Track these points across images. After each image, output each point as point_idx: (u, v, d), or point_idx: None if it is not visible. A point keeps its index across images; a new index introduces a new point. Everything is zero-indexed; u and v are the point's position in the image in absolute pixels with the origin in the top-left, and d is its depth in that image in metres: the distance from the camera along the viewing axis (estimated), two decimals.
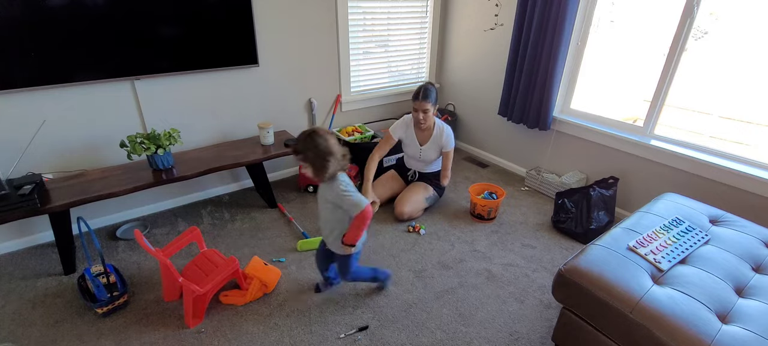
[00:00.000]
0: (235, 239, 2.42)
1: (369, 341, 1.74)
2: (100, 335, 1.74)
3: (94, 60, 2.12)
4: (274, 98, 2.89)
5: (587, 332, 1.48)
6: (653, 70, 2.40)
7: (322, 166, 1.53)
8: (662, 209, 1.83)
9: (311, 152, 1.52)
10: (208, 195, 2.90)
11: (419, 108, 2.46)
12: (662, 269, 1.46)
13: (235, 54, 2.54)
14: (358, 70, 3.28)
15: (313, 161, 1.53)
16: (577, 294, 1.46)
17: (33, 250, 2.29)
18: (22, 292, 1.98)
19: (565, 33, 2.56)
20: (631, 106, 3.45)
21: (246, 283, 1.94)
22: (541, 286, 2.08)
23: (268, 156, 2.53)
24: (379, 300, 1.96)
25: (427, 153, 2.64)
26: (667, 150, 2.37)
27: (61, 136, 2.22)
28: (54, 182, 2.12)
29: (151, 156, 2.20)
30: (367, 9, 3.09)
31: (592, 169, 2.83)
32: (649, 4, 2.90)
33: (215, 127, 2.71)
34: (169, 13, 2.24)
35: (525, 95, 2.92)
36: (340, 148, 1.58)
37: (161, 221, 2.59)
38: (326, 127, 3.25)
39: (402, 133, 2.62)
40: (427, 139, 2.62)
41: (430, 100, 2.44)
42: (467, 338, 1.76)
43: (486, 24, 3.21)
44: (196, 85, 2.53)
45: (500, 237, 2.48)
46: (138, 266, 2.17)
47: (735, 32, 3.14)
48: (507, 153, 3.43)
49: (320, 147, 1.51)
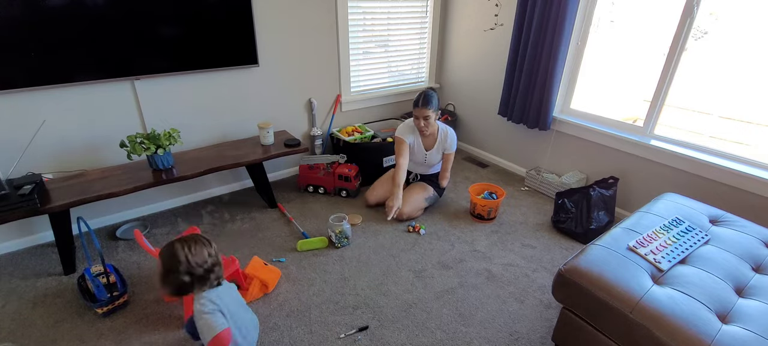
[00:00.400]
0: (235, 239, 2.42)
1: (369, 341, 1.74)
2: (100, 335, 1.74)
3: (94, 60, 2.12)
4: (274, 98, 2.89)
5: (587, 332, 1.48)
6: (653, 70, 2.40)
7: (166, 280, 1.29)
8: (662, 209, 1.83)
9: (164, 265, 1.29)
10: (208, 195, 2.90)
11: (420, 115, 2.44)
12: (662, 269, 1.46)
13: (235, 54, 2.54)
14: (358, 70, 3.28)
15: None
16: (577, 294, 1.46)
17: (33, 250, 2.29)
18: (22, 292, 1.98)
19: (565, 33, 2.56)
20: (631, 106, 3.45)
21: (246, 283, 1.94)
22: (541, 286, 2.08)
23: (268, 156, 2.53)
24: (379, 300, 1.96)
25: (432, 157, 2.65)
26: (667, 150, 2.37)
27: (61, 136, 2.22)
28: (54, 182, 2.12)
29: (151, 156, 2.20)
30: (367, 9, 3.08)
31: (592, 169, 2.83)
32: (649, 4, 2.90)
33: (215, 127, 2.71)
34: (169, 13, 2.24)
35: (525, 95, 2.92)
36: (201, 259, 1.31)
37: (161, 221, 2.59)
38: (326, 126, 3.25)
39: (410, 138, 2.58)
40: (432, 144, 2.63)
41: (432, 107, 2.42)
42: (467, 338, 1.76)
43: (486, 24, 3.21)
44: (196, 85, 2.53)
45: (500, 237, 2.48)
46: (138, 266, 2.17)
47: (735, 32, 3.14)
48: (507, 153, 3.43)
49: (164, 260, 1.29)
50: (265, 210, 2.73)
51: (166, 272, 1.28)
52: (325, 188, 2.93)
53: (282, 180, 3.18)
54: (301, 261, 2.23)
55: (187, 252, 1.28)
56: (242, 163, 2.44)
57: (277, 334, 1.76)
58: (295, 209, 2.75)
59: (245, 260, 2.16)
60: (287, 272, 2.14)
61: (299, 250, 2.31)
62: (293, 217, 2.63)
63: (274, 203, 2.76)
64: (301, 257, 2.26)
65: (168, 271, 1.28)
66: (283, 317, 1.85)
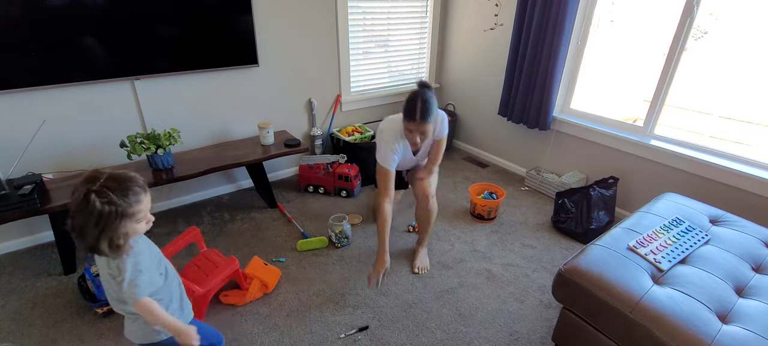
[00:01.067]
0: (235, 239, 2.42)
1: (369, 341, 1.74)
2: (100, 335, 1.74)
3: (94, 60, 2.12)
4: (274, 98, 2.89)
5: (587, 332, 1.48)
6: (653, 70, 2.40)
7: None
8: (662, 209, 1.83)
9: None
10: (208, 195, 2.90)
11: (416, 130, 1.74)
12: (662, 269, 1.46)
13: (235, 54, 2.54)
14: (358, 70, 3.28)
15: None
16: (577, 294, 1.46)
17: (33, 250, 2.29)
18: (22, 292, 1.98)
19: (565, 33, 2.56)
20: (631, 106, 3.45)
21: (246, 283, 1.94)
22: (541, 286, 2.08)
23: (268, 156, 2.53)
24: (379, 300, 1.96)
25: (422, 155, 2.12)
26: (667, 150, 2.37)
27: (61, 136, 2.22)
28: (54, 182, 2.12)
29: (151, 156, 2.20)
30: (367, 9, 3.08)
31: (592, 169, 2.83)
32: (649, 4, 2.90)
33: (215, 127, 2.71)
34: (169, 13, 2.24)
35: (525, 95, 2.92)
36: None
37: (161, 221, 2.59)
38: (326, 126, 3.25)
39: (395, 153, 1.88)
40: (421, 145, 1.99)
41: (431, 119, 1.73)
42: (467, 338, 1.76)
43: (486, 24, 3.21)
44: (197, 85, 2.53)
45: (500, 237, 2.48)
46: None
47: (735, 32, 3.14)
48: (507, 153, 3.43)
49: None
50: (265, 210, 2.73)
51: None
52: (325, 188, 2.93)
53: (282, 180, 3.18)
54: (301, 261, 2.23)
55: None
56: (242, 163, 2.44)
57: (277, 334, 1.76)
58: (295, 209, 2.75)
59: (245, 260, 2.16)
60: (287, 272, 2.14)
61: (299, 250, 2.31)
62: (293, 217, 2.63)
63: (274, 203, 2.76)
64: (301, 257, 2.26)
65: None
66: (283, 317, 1.85)
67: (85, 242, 1.00)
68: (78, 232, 0.99)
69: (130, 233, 1.04)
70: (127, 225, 1.02)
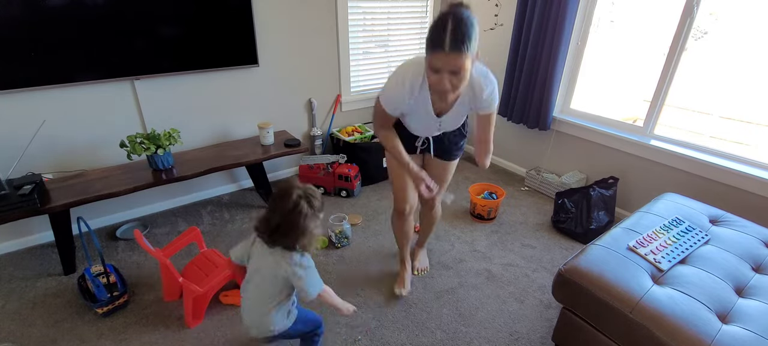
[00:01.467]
0: (235, 238, 2.41)
1: (369, 341, 1.74)
2: (100, 335, 1.74)
3: (94, 60, 2.12)
4: (274, 98, 2.89)
5: (587, 332, 1.48)
6: (653, 70, 2.40)
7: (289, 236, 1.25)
8: (662, 209, 1.83)
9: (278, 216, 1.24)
10: (208, 195, 2.90)
11: (445, 65, 1.22)
12: (662, 269, 1.46)
13: (235, 54, 2.54)
14: (358, 70, 3.28)
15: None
16: (577, 294, 1.46)
17: (33, 250, 2.29)
18: (22, 292, 1.98)
19: (565, 33, 2.56)
20: (631, 106, 3.45)
21: None
22: (541, 286, 2.08)
23: (268, 156, 2.53)
24: (379, 300, 1.96)
25: (449, 122, 1.61)
26: (667, 150, 2.37)
27: (61, 136, 2.22)
28: (54, 182, 2.12)
29: (151, 156, 2.20)
30: (367, 9, 3.08)
31: (592, 169, 2.83)
32: (649, 4, 2.90)
33: (215, 127, 2.71)
34: (169, 12, 2.24)
35: (525, 95, 2.92)
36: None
37: (161, 221, 2.59)
38: (326, 126, 3.25)
39: (405, 102, 1.46)
40: (451, 105, 1.50)
41: (469, 49, 1.22)
42: (467, 338, 1.76)
43: (486, 24, 3.21)
44: (196, 85, 2.53)
45: (500, 237, 2.48)
46: (138, 266, 2.16)
47: (735, 32, 3.14)
48: (507, 153, 3.43)
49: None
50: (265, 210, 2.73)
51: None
52: (325, 188, 2.93)
53: (282, 180, 3.18)
54: None
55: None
56: (242, 163, 2.44)
57: None
58: None
59: None
60: None
61: None
62: None
63: None
64: None
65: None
66: None
67: (288, 239, 1.23)
68: (285, 229, 1.22)
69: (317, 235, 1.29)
70: (318, 228, 1.28)
